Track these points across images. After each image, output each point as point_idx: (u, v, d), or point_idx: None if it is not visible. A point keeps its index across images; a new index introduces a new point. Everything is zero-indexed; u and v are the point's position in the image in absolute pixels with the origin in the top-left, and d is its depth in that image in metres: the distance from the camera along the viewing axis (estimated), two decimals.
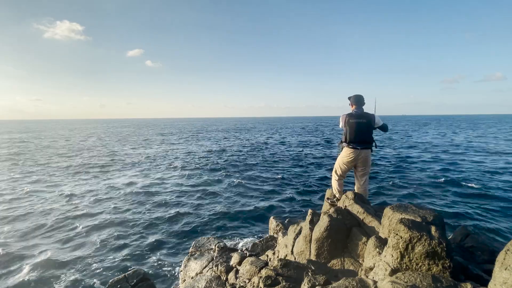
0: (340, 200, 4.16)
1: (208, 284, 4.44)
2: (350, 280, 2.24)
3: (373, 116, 3.98)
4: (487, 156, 20.84)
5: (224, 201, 11.89)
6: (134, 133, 63.30)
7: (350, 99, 4.11)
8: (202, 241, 6.49)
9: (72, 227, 9.45)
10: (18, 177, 16.58)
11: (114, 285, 4.67)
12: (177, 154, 26.09)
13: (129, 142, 39.88)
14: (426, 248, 2.04)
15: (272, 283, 2.88)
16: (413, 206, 2.69)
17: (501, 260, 1.79)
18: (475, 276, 2.40)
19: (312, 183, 14.60)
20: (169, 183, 15.07)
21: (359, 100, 4.05)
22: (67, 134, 59.97)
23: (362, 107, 4.08)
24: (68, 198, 12.50)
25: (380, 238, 2.72)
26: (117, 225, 9.58)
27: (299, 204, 11.34)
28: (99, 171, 18.39)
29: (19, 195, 12.99)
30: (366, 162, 4.06)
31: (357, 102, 4.05)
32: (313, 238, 3.44)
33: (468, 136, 40.03)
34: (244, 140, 40.98)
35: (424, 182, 13.72)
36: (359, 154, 3.98)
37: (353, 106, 4.08)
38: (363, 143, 3.94)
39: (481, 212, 9.53)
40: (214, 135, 52.17)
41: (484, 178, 14.16)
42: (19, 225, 9.57)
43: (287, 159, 22.36)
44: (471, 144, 29.22)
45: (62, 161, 22.29)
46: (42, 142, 39.73)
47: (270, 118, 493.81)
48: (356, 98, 4.06)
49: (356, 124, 3.91)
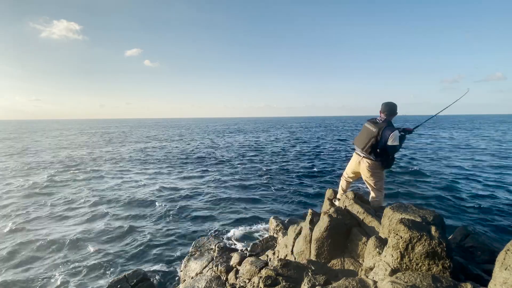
0: (340, 200, 4.15)
1: (208, 284, 4.44)
2: (350, 280, 2.24)
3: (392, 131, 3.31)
4: (487, 156, 20.84)
5: (224, 201, 11.88)
6: (150, 132, 63.32)
7: (382, 105, 3.58)
8: (202, 241, 6.49)
9: (72, 227, 9.45)
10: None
11: (114, 285, 4.67)
12: (177, 154, 26.10)
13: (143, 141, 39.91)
14: (426, 248, 2.04)
15: (272, 283, 2.88)
16: (413, 206, 2.69)
17: (501, 260, 1.79)
18: (475, 276, 2.40)
19: (312, 183, 14.60)
20: (169, 183, 15.07)
21: (389, 109, 3.50)
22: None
23: (392, 117, 3.52)
24: (74, 194, 12.52)
25: (380, 238, 2.72)
26: (117, 225, 9.58)
27: (299, 204, 11.35)
28: (94, 170, 18.41)
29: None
30: (369, 173, 3.61)
31: (386, 110, 3.51)
32: (313, 238, 3.44)
33: (468, 135, 40.04)
34: (244, 140, 40.98)
35: (424, 182, 13.72)
36: (361, 162, 3.67)
37: (381, 113, 3.57)
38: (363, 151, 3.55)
39: (481, 212, 9.53)
40: (214, 135, 52.19)
41: (484, 178, 14.16)
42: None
43: (287, 159, 22.36)
44: (471, 144, 29.22)
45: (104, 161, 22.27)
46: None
47: (270, 118, 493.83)
48: (386, 106, 3.51)
49: (365, 130, 3.55)
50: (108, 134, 60.20)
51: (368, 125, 3.54)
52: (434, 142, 31.56)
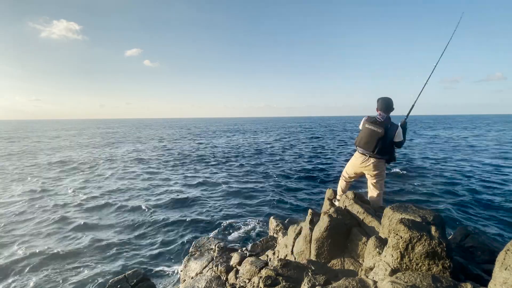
0: (340, 200, 4.15)
1: (208, 284, 4.44)
2: (350, 280, 2.24)
3: (396, 128, 3.42)
4: (487, 156, 20.84)
5: (224, 201, 11.89)
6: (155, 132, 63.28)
7: (378, 102, 3.57)
8: (202, 241, 6.49)
9: (72, 227, 9.45)
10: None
11: (114, 285, 4.67)
12: (177, 154, 26.09)
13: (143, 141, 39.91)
14: (426, 248, 2.04)
15: (272, 283, 2.88)
16: (413, 206, 2.69)
17: (501, 260, 1.79)
18: (475, 276, 2.40)
19: (312, 183, 14.60)
20: (169, 183, 15.07)
21: (386, 105, 3.49)
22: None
23: (389, 113, 3.55)
24: (74, 194, 12.52)
25: (380, 238, 2.72)
26: (117, 225, 9.58)
27: (299, 204, 11.34)
28: (94, 170, 18.40)
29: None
30: (375, 172, 3.63)
31: (383, 107, 3.50)
32: (313, 238, 3.44)
33: (468, 135, 40.03)
34: (244, 140, 40.98)
35: (424, 182, 13.72)
36: (367, 162, 3.63)
37: (378, 111, 3.57)
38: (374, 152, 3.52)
39: (481, 212, 9.53)
40: (214, 134, 52.19)
41: (484, 178, 14.16)
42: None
43: (287, 159, 22.36)
44: (471, 144, 29.23)
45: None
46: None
47: (270, 118, 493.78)
48: (383, 103, 3.50)
49: (370, 131, 3.50)
50: (108, 134, 60.22)
51: (371, 126, 3.52)
52: (434, 142, 31.57)
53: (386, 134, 3.41)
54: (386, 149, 3.50)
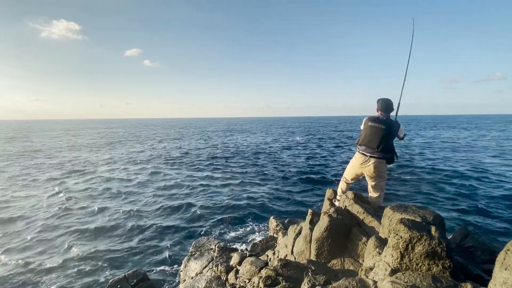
0: (340, 200, 4.14)
1: (208, 284, 4.44)
2: (350, 280, 2.24)
3: (398, 126, 3.54)
4: (487, 156, 20.84)
5: (224, 201, 11.88)
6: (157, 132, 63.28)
7: (378, 103, 3.64)
8: (202, 241, 6.49)
9: (71, 226, 9.45)
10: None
11: (114, 285, 4.67)
12: (177, 154, 26.10)
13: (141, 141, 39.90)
14: (426, 248, 2.04)
15: (272, 283, 2.88)
16: (413, 206, 2.69)
17: (501, 260, 1.79)
18: (475, 276, 2.39)
19: (312, 183, 14.60)
20: (168, 183, 15.07)
21: (386, 106, 3.56)
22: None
23: (389, 113, 3.62)
24: (64, 194, 12.52)
25: (380, 238, 2.72)
26: (117, 225, 9.58)
27: (299, 204, 11.35)
28: (94, 169, 18.41)
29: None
30: (375, 173, 3.60)
31: (383, 108, 3.58)
32: (313, 238, 3.44)
33: (468, 135, 40.02)
34: (243, 140, 40.98)
35: (424, 182, 13.71)
36: (367, 162, 3.60)
37: (378, 111, 3.64)
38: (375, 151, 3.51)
39: (481, 212, 9.53)
40: (214, 135, 52.19)
41: (484, 178, 14.16)
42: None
43: (286, 159, 22.36)
44: (471, 144, 29.22)
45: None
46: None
47: (270, 118, 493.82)
48: (383, 104, 3.57)
49: (374, 129, 3.52)
50: (108, 133, 60.21)
51: (375, 124, 3.55)
52: (434, 142, 31.56)
53: (390, 131, 3.49)
54: (389, 147, 3.53)
